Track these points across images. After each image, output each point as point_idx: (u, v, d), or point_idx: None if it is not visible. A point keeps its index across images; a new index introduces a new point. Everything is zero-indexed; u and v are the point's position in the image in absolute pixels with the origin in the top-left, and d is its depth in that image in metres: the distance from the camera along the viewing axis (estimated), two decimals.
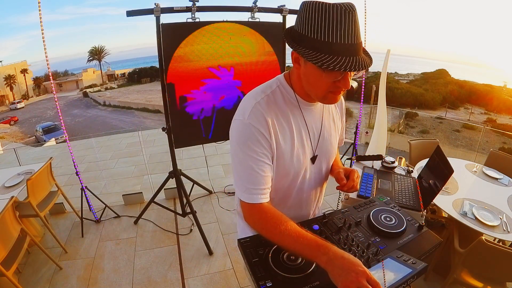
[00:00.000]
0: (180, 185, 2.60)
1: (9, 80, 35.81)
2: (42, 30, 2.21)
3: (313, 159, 0.98)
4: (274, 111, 0.86)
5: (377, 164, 1.99)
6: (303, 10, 0.74)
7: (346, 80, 0.78)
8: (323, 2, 0.70)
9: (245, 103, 0.88)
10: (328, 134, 1.00)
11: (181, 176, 2.67)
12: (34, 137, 19.64)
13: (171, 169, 2.62)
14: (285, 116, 0.88)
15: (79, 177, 2.74)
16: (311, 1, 0.72)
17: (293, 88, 0.89)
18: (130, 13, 2.02)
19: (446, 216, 2.02)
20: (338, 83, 0.78)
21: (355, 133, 3.57)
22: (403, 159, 2.38)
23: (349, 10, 0.69)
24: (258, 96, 0.87)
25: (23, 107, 33.87)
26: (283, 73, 0.93)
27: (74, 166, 2.71)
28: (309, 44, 0.74)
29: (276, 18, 2.46)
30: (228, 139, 0.91)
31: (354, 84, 1.87)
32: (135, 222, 2.90)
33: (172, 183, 2.69)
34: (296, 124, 0.91)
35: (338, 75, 0.76)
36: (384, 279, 0.72)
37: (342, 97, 1.05)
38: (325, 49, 0.71)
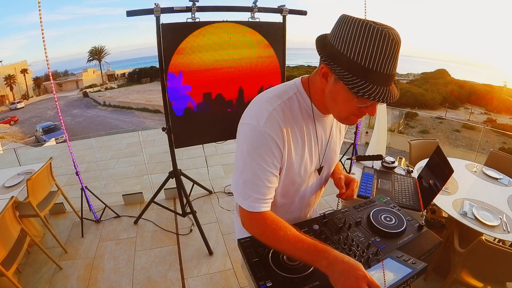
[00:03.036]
0: (180, 185, 2.60)
1: (9, 80, 35.81)
2: (42, 30, 2.21)
3: (319, 170, 0.97)
4: (289, 121, 0.82)
5: (377, 164, 2.00)
6: (345, 25, 0.68)
7: (374, 108, 0.75)
8: (370, 23, 0.65)
9: (259, 107, 0.82)
10: (334, 144, 0.98)
11: (181, 176, 2.67)
12: (34, 137, 19.63)
13: (171, 169, 2.62)
14: (299, 126, 0.84)
15: (79, 177, 2.74)
16: (356, 19, 0.67)
17: (310, 98, 0.84)
18: (130, 13, 2.02)
19: (446, 216, 2.02)
20: (364, 109, 0.75)
21: (355, 133, 3.57)
22: (403, 159, 2.38)
23: (396, 40, 0.65)
24: (275, 102, 0.81)
25: (23, 107, 33.86)
26: (300, 78, 0.88)
27: (74, 166, 2.71)
28: (346, 65, 0.68)
29: (276, 18, 2.46)
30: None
31: None
32: (135, 222, 2.90)
33: (172, 183, 2.68)
34: (308, 135, 0.88)
35: (368, 102, 0.72)
36: (384, 279, 0.72)
37: None
38: (364, 75, 0.66)
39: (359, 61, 0.66)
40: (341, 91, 0.73)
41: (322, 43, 0.75)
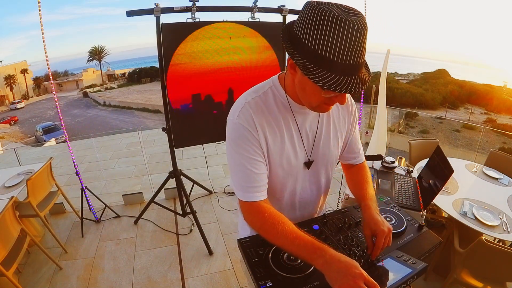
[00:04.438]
0: (180, 185, 2.60)
1: (9, 80, 35.80)
2: (42, 30, 2.21)
3: (308, 164, 0.95)
4: (263, 112, 0.85)
5: (377, 164, 2.00)
6: (307, 14, 0.66)
7: (343, 97, 0.75)
8: (333, 12, 0.62)
9: (237, 103, 0.88)
10: (326, 139, 0.96)
11: (181, 176, 2.67)
12: (34, 137, 19.63)
13: (171, 169, 2.62)
14: (274, 118, 0.86)
15: (79, 177, 2.74)
16: (319, 7, 0.64)
17: (285, 90, 0.87)
18: (130, 13, 2.02)
19: (446, 216, 2.02)
20: (334, 98, 0.76)
21: None
22: (403, 159, 2.38)
23: (362, 30, 0.63)
24: (249, 96, 0.87)
25: (23, 107, 33.86)
26: (278, 74, 0.91)
27: (74, 166, 2.71)
28: (311, 57, 0.67)
29: (276, 18, 2.47)
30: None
31: None
32: (135, 222, 2.90)
33: (172, 183, 2.69)
34: (287, 127, 0.88)
35: (337, 92, 0.70)
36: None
37: (350, 99, 1.00)
38: (328, 66, 0.65)
39: (323, 53, 0.65)
40: (308, 82, 0.71)
41: (288, 33, 0.74)
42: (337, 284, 0.65)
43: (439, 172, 1.69)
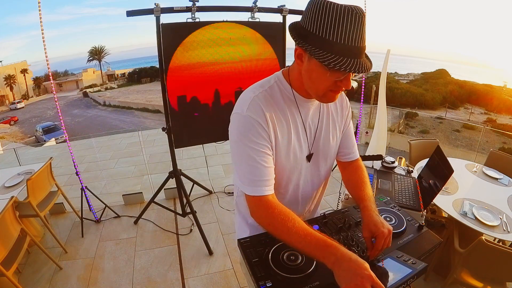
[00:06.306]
0: (180, 185, 2.60)
1: (9, 80, 35.79)
2: (42, 30, 2.21)
3: (309, 157, 0.97)
4: (271, 105, 0.87)
5: (377, 164, 2.00)
6: (312, 7, 0.75)
7: (348, 80, 0.79)
8: (333, 3, 0.71)
9: (243, 97, 0.89)
10: (326, 132, 0.99)
11: (181, 176, 2.67)
12: (34, 137, 19.64)
13: (171, 169, 2.62)
14: (282, 111, 0.89)
15: (79, 177, 2.74)
16: (322, 1, 0.72)
17: (290, 84, 0.90)
18: (130, 13, 2.02)
19: (446, 216, 2.02)
20: (339, 83, 0.79)
21: (355, 133, 3.56)
22: (403, 159, 2.38)
23: (359, 14, 0.71)
24: (256, 90, 0.88)
25: (23, 107, 33.86)
26: (281, 70, 0.94)
27: (74, 166, 2.71)
28: (316, 42, 0.74)
29: (276, 18, 2.46)
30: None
31: (354, 84, 1.87)
32: (135, 222, 2.90)
33: (172, 183, 2.68)
34: (293, 120, 0.91)
35: (341, 75, 0.76)
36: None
37: (345, 96, 1.04)
38: (332, 48, 0.72)
39: (327, 37, 0.72)
40: (315, 67, 0.78)
41: (295, 28, 0.81)
42: (345, 283, 0.66)
43: (439, 172, 1.69)
